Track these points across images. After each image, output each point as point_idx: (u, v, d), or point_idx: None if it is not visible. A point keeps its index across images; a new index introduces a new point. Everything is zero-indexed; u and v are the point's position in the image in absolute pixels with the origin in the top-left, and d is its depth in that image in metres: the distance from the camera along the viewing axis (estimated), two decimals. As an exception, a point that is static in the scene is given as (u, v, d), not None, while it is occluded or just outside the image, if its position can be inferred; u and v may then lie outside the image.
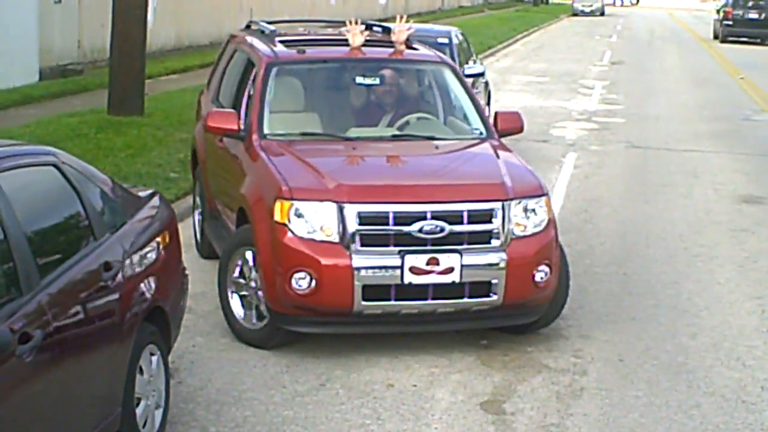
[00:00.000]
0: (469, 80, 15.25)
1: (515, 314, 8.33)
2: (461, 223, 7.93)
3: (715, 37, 48.02)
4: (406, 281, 7.80)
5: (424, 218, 7.86)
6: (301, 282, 7.78)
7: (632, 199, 14.12)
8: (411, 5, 57.16)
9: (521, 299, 8.15)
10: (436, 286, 7.88)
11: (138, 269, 6.26)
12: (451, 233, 7.89)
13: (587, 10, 71.95)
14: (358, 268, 7.74)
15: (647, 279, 10.47)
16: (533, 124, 20.40)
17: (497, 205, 8.03)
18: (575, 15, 71.23)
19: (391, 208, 7.85)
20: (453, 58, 15.41)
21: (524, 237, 8.10)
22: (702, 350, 8.61)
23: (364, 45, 9.83)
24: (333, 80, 9.82)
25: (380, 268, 7.76)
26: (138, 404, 6.18)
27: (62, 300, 5.31)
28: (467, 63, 15.94)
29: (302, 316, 8.00)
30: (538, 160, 16.54)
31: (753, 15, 44.69)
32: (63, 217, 5.87)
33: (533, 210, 8.22)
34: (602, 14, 72.30)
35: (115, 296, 5.90)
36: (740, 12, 45.15)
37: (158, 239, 6.71)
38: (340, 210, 7.80)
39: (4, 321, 4.80)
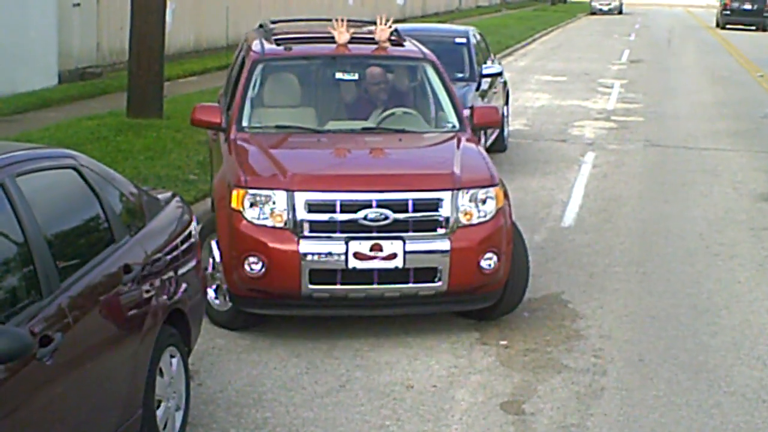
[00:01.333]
0: (488, 80, 15.32)
1: (463, 300, 8.64)
2: (406, 211, 8.27)
3: (717, 24, 56.31)
4: (350, 266, 8.16)
5: (370, 206, 8.22)
6: (253, 266, 8.21)
7: (651, 197, 14.08)
8: (428, 5, 57.14)
9: (467, 285, 8.43)
10: (380, 271, 8.22)
11: (158, 271, 6.27)
12: (396, 221, 8.24)
13: (605, 8, 71.73)
14: (305, 254, 8.13)
15: (667, 278, 10.45)
16: (551, 123, 20.40)
17: (444, 194, 8.34)
18: (593, 14, 71.04)
19: (338, 197, 8.24)
20: (471, 58, 15.42)
21: (471, 225, 8.39)
22: (722, 349, 8.58)
23: (350, 42, 10.24)
24: (316, 76, 10.21)
25: (326, 253, 8.14)
26: (158, 406, 6.19)
27: (82, 303, 5.33)
28: (485, 63, 15.93)
29: (257, 298, 8.41)
30: (556, 159, 16.54)
31: (747, 6, 54.24)
32: (82, 219, 5.89)
33: (483, 200, 8.48)
34: (620, 12, 72.09)
35: (135, 298, 5.92)
36: (737, 4, 54.78)
37: (177, 241, 6.73)
38: (290, 198, 8.22)
39: (25, 324, 4.82)
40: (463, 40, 15.79)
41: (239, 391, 7.52)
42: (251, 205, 8.27)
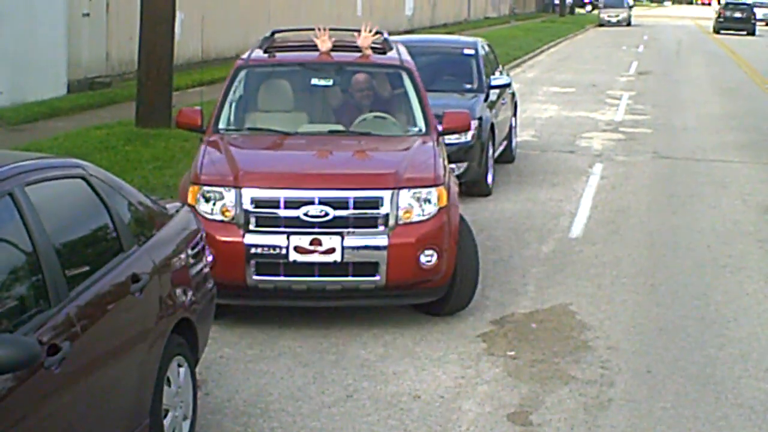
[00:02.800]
0: (496, 91, 15.33)
1: (404, 294, 9.03)
2: (346, 208, 8.70)
3: (714, 30, 64.67)
4: (291, 259, 8.64)
5: (313, 203, 8.68)
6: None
7: (659, 209, 14.07)
8: (437, 16, 57.20)
9: (405, 280, 8.83)
10: (320, 264, 8.67)
11: (166, 281, 6.28)
12: (336, 217, 8.67)
13: (614, 20, 71.72)
14: (249, 246, 8.63)
15: (675, 290, 10.44)
16: (560, 134, 20.41)
17: (384, 193, 8.78)
18: (601, 25, 71.04)
19: (282, 194, 8.73)
20: (479, 69, 15.44)
21: (410, 223, 8.79)
22: (730, 361, 8.57)
23: (333, 50, 10.71)
24: (294, 82, 10.62)
25: (269, 246, 8.64)
26: (166, 416, 6.20)
27: (90, 312, 5.34)
28: (493, 74, 15.94)
29: None
30: (564, 170, 16.54)
31: (738, 15, 63.54)
32: (91, 229, 5.90)
33: (424, 199, 8.86)
34: (629, 24, 72.06)
35: (143, 308, 5.93)
36: (729, 12, 64.20)
37: (185, 251, 6.74)
38: (238, 194, 8.75)
39: (33, 333, 4.83)
40: (472, 52, 15.80)
41: (246, 400, 7.52)
42: (205, 200, 8.82)
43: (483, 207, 13.87)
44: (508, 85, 16.11)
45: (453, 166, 13.67)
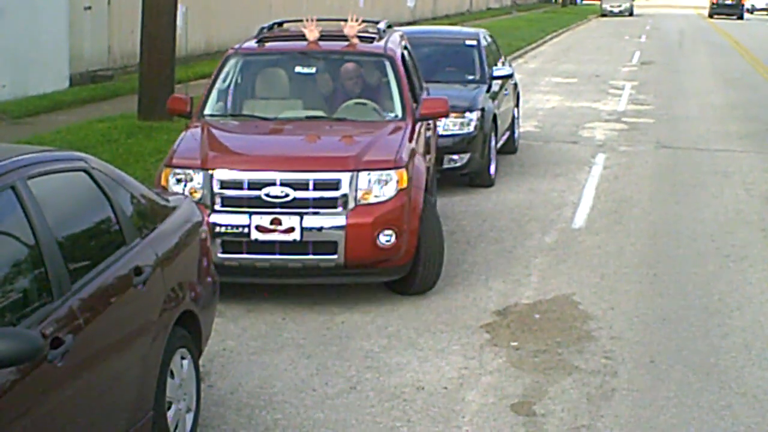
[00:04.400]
0: (498, 82, 15.33)
1: (365, 273, 9.36)
2: (307, 189, 9.06)
3: (709, 15, 73.14)
4: (253, 238, 9.03)
5: (275, 184, 9.05)
6: None
7: (662, 199, 14.06)
8: (439, 7, 57.14)
9: (363, 259, 9.16)
10: (281, 243, 9.03)
11: (168, 273, 6.28)
12: (296, 198, 9.05)
13: (616, 10, 71.66)
14: (214, 225, 8.98)
15: (678, 279, 10.44)
16: (562, 125, 20.39)
17: (343, 175, 9.11)
18: (604, 15, 70.98)
19: (246, 176, 9.13)
20: (481, 60, 15.43)
21: (369, 204, 9.12)
22: (733, 351, 8.57)
23: (321, 39, 11.11)
24: (280, 70, 10.99)
25: (233, 225, 9.03)
26: (169, 408, 6.21)
27: (93, 305, 5.34)
28: (496, 65, 15.92)
29: None
30: (567, 161, 16.53)
31: (728, 2, 72.95)
32: (93, 222, 5.90)
33: (385, 181, 9.18)
34: (631, 14, 72.01)
35: (146, 300, 5.94)
36: (721, 0, 73.23)
37: (188, 243, 6.74)
38: (206, 176, 9.15)
39: (36, 326, 4.83)
40: (474, 43, 15.79)
41: (250, 392, 7.53)
42: (177, 181, 9.22)
43: (486, 198, 13.87)
44: (511, 76, 16.10)
45: (456, 156, 13.74)
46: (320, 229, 9.01)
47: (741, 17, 72.34)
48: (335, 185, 9.10)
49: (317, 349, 8.40)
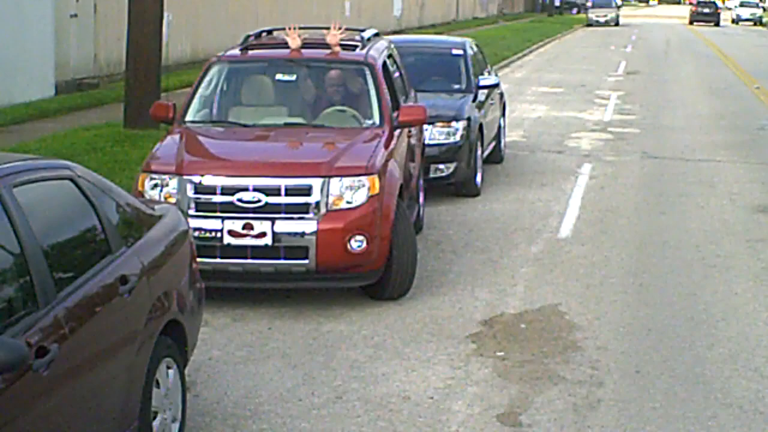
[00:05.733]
0: (484, 91, 15.34)
1: (336, 278, 9.46)
2: (279, 195, 9.17)
3: (689, 22, 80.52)
4: (225, 242, 9.16)
5: (247, 190, 9.16)
6: None
7: (648, 209, 14.09)
8: (425, 16, 57.21)
9: (334, 264, 9.27)
10: (253, 247, 9.17)
11: (154, 283, 6.27)
12: (268, 204, 9.15)
13: (602, 20, 71.81)
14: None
15: (664, 290, 10.45)
16: (548, 134, 20.42)
17: (315, 181, 9.23)
18: (590, 25, 71.11)
19: (219, 181, 9.23)
20: (467, 69, 15.44)
21: (340, 210, 9.24)
22: (719, 361, 8.57)
23: (303, 47, 11.18)
24: (263, 77, 11.13)
25: (205, 230, 9.14)
26: (155, 418, 6.19)
27: (78, 314, 5.32)
28: (482, 74, 15.93)
29: None
30: (553, 170, 16.55)
31: (706, 10, 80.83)
32: (79, 230, 5.89)
33: (356, 187, 9.31)
34: (617, 24, 72.16)
35: (132, 310, 5.92)
36: (700, 8, 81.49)
37: (174, 252, 6.72)
38: (180, 181, 9.28)
39: (21, 335, 4.81)
40: (460, 52, 15.80)
41: (236, 402, 7.51)
42: (153, 186, 9.37)
43: (472, 207, 13.87)
44: (497, 86, 16.11)
45: (442, 166, 13.75)
46: (291, 234, 9.12)
47: (717, 24, 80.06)
48: (307, 191, 9.21)
49: (303, 358, 8.38)
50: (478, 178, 14.52)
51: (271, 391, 7.73)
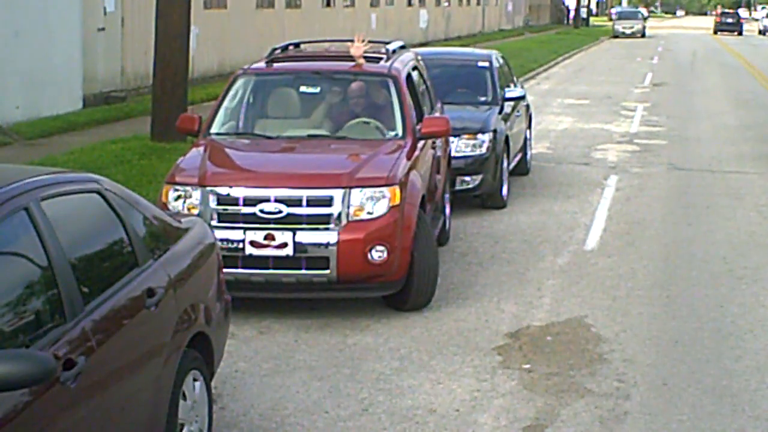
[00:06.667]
0: (510, 103, 15.34)
1: (358, 288, 9.51)
2: (300, 205, 9.24)
3: (713, 31, 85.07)
4: (247, 253, 9.23)
5: (269, 201, 9.24)
6: None
7: (675, 221, 14.04)
8: (451, 28, 57.25)
9: (356, 275, 9.32)
10: (274, 258, 9.24)
11: (181, 295, 6.29)
12: (290, 214, 9.23)
13: (628, 31, 71.74)
14: None
15: (691, 302, 10.41)
16: (574, 146, 20.39)
17: (336, 192, 9.30)
18: (616, 37, 71.05)
19: (241, 192, 9.33)
20: (494, 82, 15.44)
21: (361, 220, 9.29)
22: (746, 374, 8.54)
23: (328, 59, 11.62)
24: (288, 89, 11.24)
25: (228, 240, 9.20)
26: (181, 430, 6.20)
27: (106, 326, 5.35)
28: (508, 86, 15.93)
29: None
30: (579, 182, 16.52)
31: (729, 20, 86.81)
32: (106, 243, 5.92)
33: (377, 197, 9.37)
34: (643, 36, 72.05)
35: (159, 322, 5.94)
36: (723, 18, 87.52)
37: (201, 265, 6.74)
38: (203, 192, 9.38)
39: (49, 347, 4.84)
40: (486, 64, 15.81)
41: (262, 414, 7.53)
42: (176, 198, 9.46)
43: (498, 219, 13.87)
44: (523, 98, 16.12)
45: (468, 178, 13.75)
46: (312, 244, 9.19)
47: (740, 33, 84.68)
48: (328, 202, 9.27)
49: (329, 371, 8.39)
50: (504, 190, 14.51)
51: (297, 403, 7.75)
